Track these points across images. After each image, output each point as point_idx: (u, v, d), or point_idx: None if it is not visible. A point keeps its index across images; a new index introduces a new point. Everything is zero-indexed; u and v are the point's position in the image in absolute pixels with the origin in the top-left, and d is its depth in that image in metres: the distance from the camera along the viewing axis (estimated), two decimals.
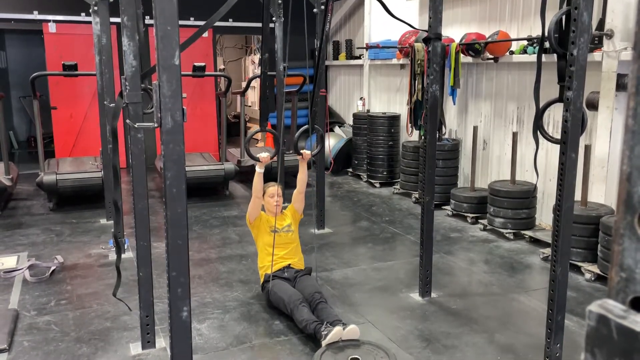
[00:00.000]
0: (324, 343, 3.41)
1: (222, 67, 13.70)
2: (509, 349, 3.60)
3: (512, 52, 6.25)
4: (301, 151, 4.26)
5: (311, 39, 5.08)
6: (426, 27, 4.13)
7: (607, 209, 4.82)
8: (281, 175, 6.33)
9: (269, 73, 4.16)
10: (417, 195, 7.28)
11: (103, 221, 6.40)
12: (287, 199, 4.50)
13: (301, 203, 4.36)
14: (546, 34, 3.05)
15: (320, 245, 5.59)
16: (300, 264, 4.30)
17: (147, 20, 3.83)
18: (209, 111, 10.03)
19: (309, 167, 4.42)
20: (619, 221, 0.50)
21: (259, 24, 4.02)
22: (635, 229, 0.48)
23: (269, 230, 4.16)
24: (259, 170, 4.12)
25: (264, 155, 4.12)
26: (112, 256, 5.25)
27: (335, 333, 3.41)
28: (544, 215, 5.99)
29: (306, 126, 4.26)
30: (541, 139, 3.33)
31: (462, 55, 6.65)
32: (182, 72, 2.33)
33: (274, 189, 4.21)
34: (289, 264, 4.19)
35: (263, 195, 4.22)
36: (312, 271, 4.33)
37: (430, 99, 4.15)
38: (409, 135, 7.63)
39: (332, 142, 9.13)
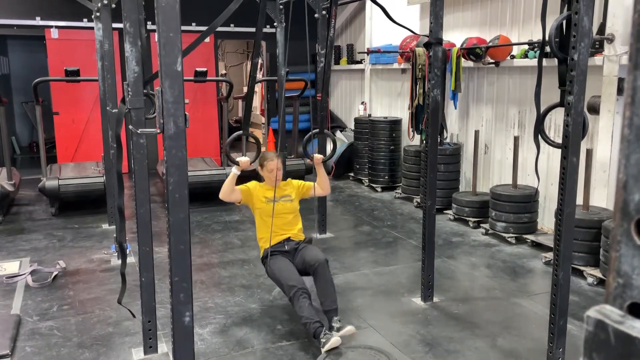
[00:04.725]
0: (322, 350, 3.42)
1: (223, 72, 13.74)
2: (511, 354, 3.60)
3: (513, 57, 6.26)
4: (312, 155, 4.20)
5: (312, 43, 5.10)
6: (427, 32, 4.14)
7: (609, 213, 4.82)
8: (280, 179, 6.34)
9: (270, 78, 4.18)
10: (418, 200, 7.28)
11: (105, 226, 6.42)
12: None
13: (316, 194, 4.20)
14: (547, 38, 3.06)
15: (322, 249, 5.58)
16: (300, 235, 4.12)
17: (150, 26, 3.85)
18: (210, 116, 10.06)
19: (328, 173, 4.27)
20: (616, 228, 0.50)
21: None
22: (631, 236, 0.48)
23: (264, 200, 3.98)
24: (236, 172, 3.91)
25: (243, 160, 3.91)
26: (115, 261, 5.26)
27: (333, 342, 3.41)
28: (546, 220, 5.99)
29: (316, 130, 4.24)
30: (542, 143, 3.34)
31: (463, 59, 6.66)
32: (184, 78, 2.35)
33: (274, 163, 3.96)
34: (289, 237, 4.03)
35: (262, 168, 4.01)
36: (312, 239, 4.21)
37: (432, 104, 4.16)
38: (411, 140, 7.64)
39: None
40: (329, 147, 5.73)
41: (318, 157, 4.25)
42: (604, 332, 0.48)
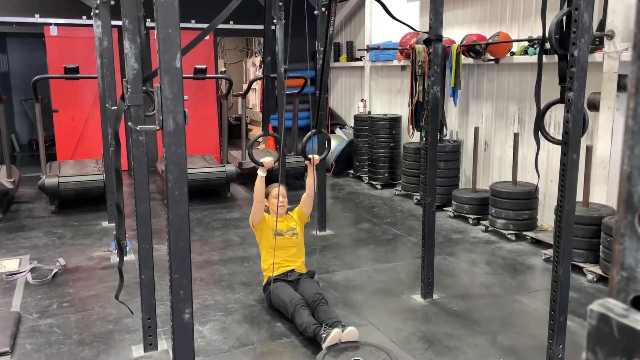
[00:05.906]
0: (324, 346, 3.43)
1: (223, 69, 13.72)
2: (511, 351, 3.60)
3: (512, 53, 6.25)
4: (309, 156, 4.24)
5: (312, 41, 5.08)
6: (427, 29, 4.13)
7: (609, 210, 4.82)
8: (282, 177, 6.34)
9: (270, 75, 4.18)
10: (418, 197, 7.28)
11: (105, 224, 6.41)
12: (292, 200, 4.50)
13: (309, 207, 4.35)
14: (547, 34, 3.05)
15: (321, 247, 5.59)
16: (303, 268, 4.29)
17: (149, 23, 3.84)
18: (210, 113, 10.04)
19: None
20: (620, 220, 0.50)
21: (260, 27, 4.04)
22: (635, 228, 0.48)
23: (273, 232, 4.14)
24: (262, 174, 4.11)
25: (267, 160, 4.11)
26: (114, 259, 5.26)
27: (334, 335, 3.43)
28: (546, 216, 5.99)
29: (314, 130, 4.26)
30: (542, 140, 3.33)
31: (462, 56, 6.65)
32: (183, 75, 2.34)
33: (276, 190, 4.20)
34: (293, 269, 4.18)
35: (267, 196, 4.21)
36: (315, 274, 4.34)
37: (432, 100, 4.16)
38: (410, 137, 7.63)
39: (334, 144, 9.14)
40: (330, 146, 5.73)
41: (317, 158, 4.30)
42: (607, 326, 0.47)
